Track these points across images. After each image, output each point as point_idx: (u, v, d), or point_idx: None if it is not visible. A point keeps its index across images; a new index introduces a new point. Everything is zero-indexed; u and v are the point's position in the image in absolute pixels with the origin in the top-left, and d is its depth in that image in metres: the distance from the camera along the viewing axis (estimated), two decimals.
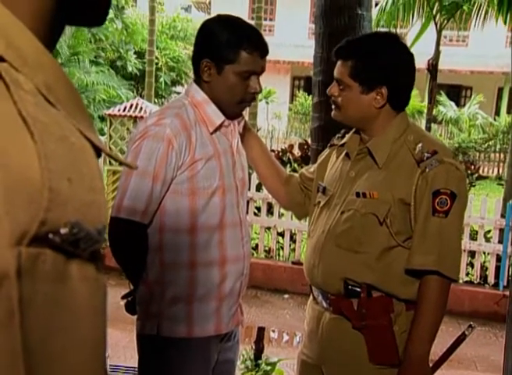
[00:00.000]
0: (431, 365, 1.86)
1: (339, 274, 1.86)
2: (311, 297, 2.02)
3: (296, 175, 2.23)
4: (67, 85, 0.45)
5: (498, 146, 15.51)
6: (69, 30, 14.91)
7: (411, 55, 1.90)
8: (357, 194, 1.86)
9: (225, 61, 1.84)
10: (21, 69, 0.39)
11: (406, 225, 1.82)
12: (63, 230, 0.37)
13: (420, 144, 1.83)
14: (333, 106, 1.92)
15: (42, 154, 0.37)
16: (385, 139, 1.87)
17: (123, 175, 1.84)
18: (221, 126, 1.91)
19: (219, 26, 1.88)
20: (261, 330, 3.28)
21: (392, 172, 1.84)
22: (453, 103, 18.09)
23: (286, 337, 5.02)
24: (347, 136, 2.00)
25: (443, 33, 10.47)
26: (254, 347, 3.24)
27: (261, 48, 1.88)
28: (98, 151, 0.47)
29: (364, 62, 1.83)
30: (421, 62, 10.22)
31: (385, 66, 1.83)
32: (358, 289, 1.84)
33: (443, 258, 1.78)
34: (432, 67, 8.76)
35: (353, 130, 1.98)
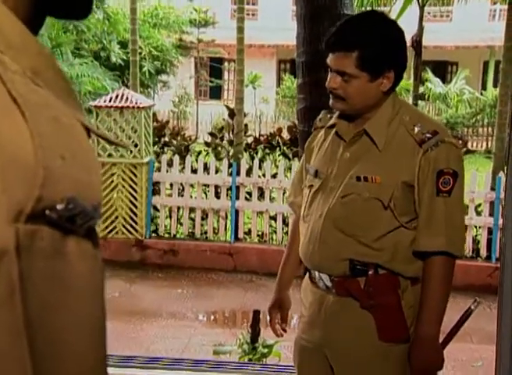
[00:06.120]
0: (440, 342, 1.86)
1: (343, 256, 1.84)
2: (308, 281, 1.97)
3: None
4: (55, 69, 0.45)
5: (486, 120, 15.52)
6: (47, 19, 14.72)
7: (403, 31, 1.89)
8: (358, 178, 1.83)
9: None
10: (6, 51, 0.39)
11: (409, 206, 1.81)
12: (59, 206, 0.37)
13: (419, 125, 1.81)
14: (332, 97, 1.86)
15: (35, 132, 0.37)
16: (381, 120, 1.84)
17: None
18: None
19: None
20: (256, 314, 3.30)
21: (393, 154, 1.82)
22: (439, 80, 18.07)
23: None
24: (334, 117, 1.94)
25: (427, 9, 10.42)
26: (250, 330, 3.26)
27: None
28: (87, 133, 0.47)
29: (371, 51, 1.79)
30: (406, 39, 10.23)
31: (392, 50, 1.82)
32: (365, 268, 1.82)
33: (451, 239, 1.79)
34: (416, 44, 8.73)
35: (337, 113, 1.92)
